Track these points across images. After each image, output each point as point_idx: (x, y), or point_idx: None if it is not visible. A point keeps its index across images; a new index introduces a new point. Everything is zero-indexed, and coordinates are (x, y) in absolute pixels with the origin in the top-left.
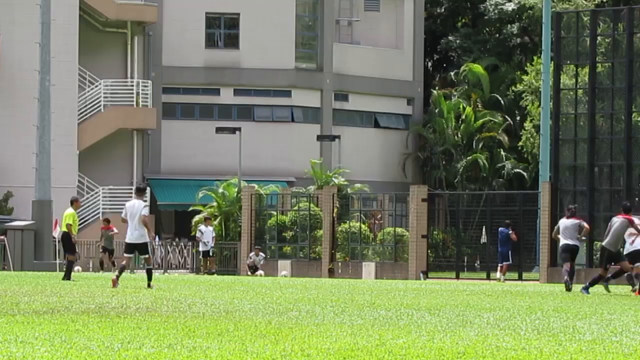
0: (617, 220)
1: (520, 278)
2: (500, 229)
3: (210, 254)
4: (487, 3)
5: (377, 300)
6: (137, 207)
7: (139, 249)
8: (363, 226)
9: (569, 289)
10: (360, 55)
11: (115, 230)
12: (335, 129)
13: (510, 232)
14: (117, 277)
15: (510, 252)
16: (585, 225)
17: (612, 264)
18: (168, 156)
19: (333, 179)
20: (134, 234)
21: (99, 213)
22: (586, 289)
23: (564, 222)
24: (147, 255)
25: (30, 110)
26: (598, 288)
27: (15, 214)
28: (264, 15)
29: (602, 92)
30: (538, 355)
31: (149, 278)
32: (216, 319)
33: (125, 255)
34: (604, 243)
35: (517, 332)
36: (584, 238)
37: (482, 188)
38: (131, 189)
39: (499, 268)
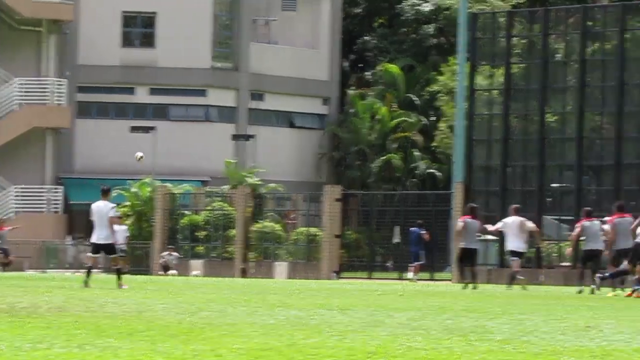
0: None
1: (432, 278)
2: (411, 229)
3: (120, 253)
4: (404, 4)
5: (289, 300)
6: (103, 208)
7: (105, 249)
8: (276, 226)
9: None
10: (277, 55)
11: (10, 228)
12: (250, 128)
13: (422, 232)
14: (87, 279)
15: (422, 252)
16: (531, 225)
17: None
18: (82, 155)
19: (247, 178)
20: (102, 234)
21: (10, 212)
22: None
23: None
24: (114, 255)
25: None
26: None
27: None
28: (180, 14)
29: (517, 93)
30: (448, 355)
31: (119, 278)
32: (127, 319)
33: (91, 255)
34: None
35: (428, 331)
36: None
37: (396, 188)
38: (43, 188)
39: (411, 268)
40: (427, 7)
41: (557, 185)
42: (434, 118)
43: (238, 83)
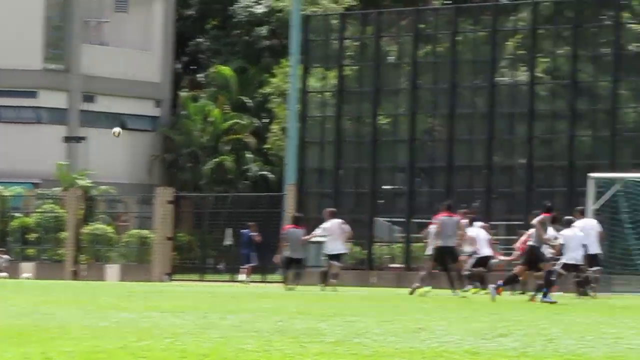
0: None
1: (264, 280)
2: (243, 231)
3: None
4: (237, 6)
5: (120, 302)
6: None
7: None
8: (108, 228)
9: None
10: (109, 57)
11: None
12: (82, 130)
13: (253, 234)
14: None
15: (253, 254)
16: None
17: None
18: None
19: (78, 180)
20: None
21: None
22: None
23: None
24: None
25: None
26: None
27: None
28: (10, 15)
29: (349, 95)
30: (281, 357)
31: None
32: None
33: None
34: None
35: (260, 334)
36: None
37: (229, 190)
38: None
39: (243, 270)
40: (259, 9)
41: (389, 187)
42: (266, 120)
43: (69, 84)
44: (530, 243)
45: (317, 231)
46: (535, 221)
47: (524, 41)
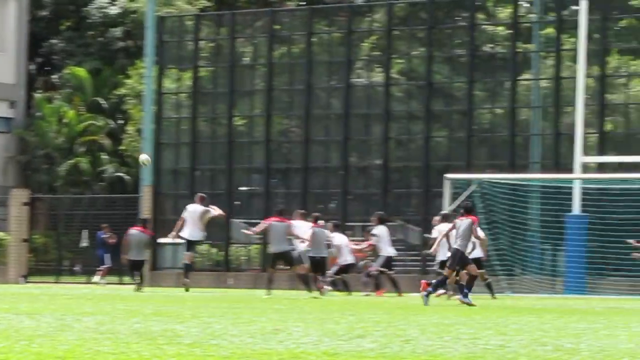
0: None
1: (120, 282)
2: (98, 232)
3: None
4: (90, 7)
5: None
6: None
7: None
8: None
9: None
10: None
11: None
12: None
13: (106, 235)
14: None
15: (107, 255)
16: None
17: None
18: None
19: None
20: None
21: None
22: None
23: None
24: None
25: None
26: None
27: None
28: None
29: (205, 96)
30: (137, 358)
31: None
32: None
33: None
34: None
35: (116, 335)
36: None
37: (84, 192)
38: None
39: (98, 272)
40: (114, 10)
41: (246, 188)
42: (122, 121)
43: None
44: (456, 246)
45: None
46: (464, 225)
47: (379, 42)
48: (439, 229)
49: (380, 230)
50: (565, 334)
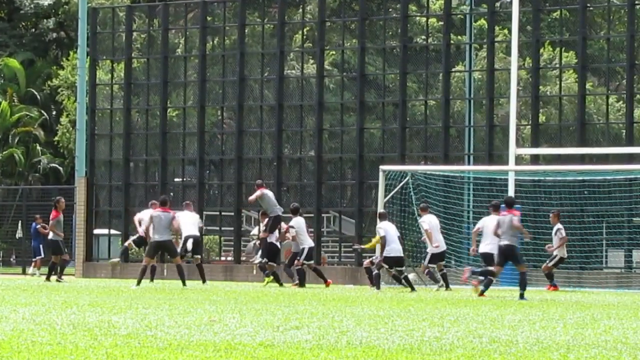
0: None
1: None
2: (33, 224)
3: None
4: None
5: None
6: None
7: None
8: None
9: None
10: None
11: None
12: None
13: (39, 226)
14: None
15: (41, 246)
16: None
17: None
18: None
19: None
20: None
21: None
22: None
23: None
24: None
25: None
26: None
27: None
28: None
29: (138, 88)
30: (74, 349)
31: None
32: None
33: None
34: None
35: (52, 326)
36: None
37: (18, 183)
38: None
39: (33, 263)
40: (46, 1)
41: (180, 179)
42: (55, 113)
43: None
44: (506, 242)
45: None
46: (507, 220)
47: (312, 34)
48: (430, 221)
49: (298, 222)
50: (501, 325)
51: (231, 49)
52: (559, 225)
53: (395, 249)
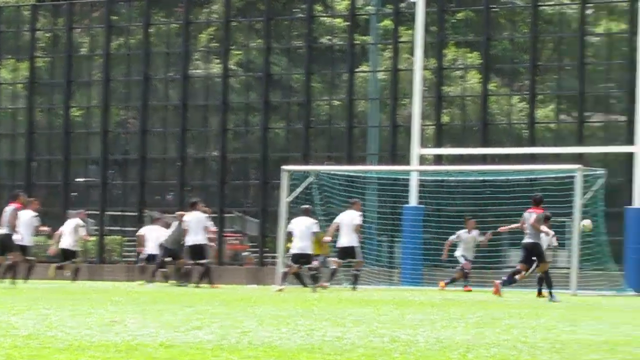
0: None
1: None
2: None
3: None
4: None
5: None
6: None
7: None
8: None
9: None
10: None
11: None
12: None
13: None
14: None
15: None
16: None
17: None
18: None
19: None
20: None
21: None
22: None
23: None
24: None
25: None
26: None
27: None
28: None
29: (42, 87)
30: None
31: None
32: None
33: None
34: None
35: None
36: None
37: None
38: None
39: None
40: None
41: (83, 179)
42: None
43: None
44: (529, 240)
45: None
46: (533, 218)
47: (217, 34)
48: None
49: (190, 217)
50: (402, 325)
51: (136, 48)
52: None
53: (298, 246)
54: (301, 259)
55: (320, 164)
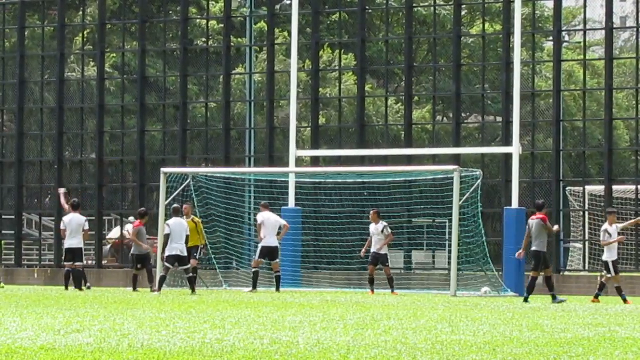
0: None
1: None
2: None
3: None
4: None
5: None
6: None
7: None
8: None
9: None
10: None
11: None
12: None
13: None
14: None
15: None
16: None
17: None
18: None
19: None
20: None
21: None
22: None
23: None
24: None
25: None
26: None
27: None
28: None
29: None
30: None
31: None
32: None
33: None
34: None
35: None
36: None
37: None
38: None
39: None
40: None
41: None
42: None
43: None
44: (537, 248)
45: None
46: (536, 224)
47: (92, 36)
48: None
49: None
50: (282, 327)
51: (11, 51)
52: (384, 223)
53: (175, 247)
54: (178, 260)
55: (197, 166)
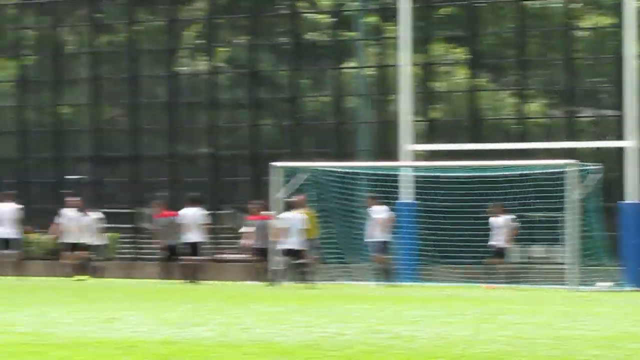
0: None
1: None
2: None
3: None
4: None
5: None
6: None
7: None
8: None
9: None
10: None
11: None
12: None
13: None
14: None
15: None
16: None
17: None
18: None
19: None
20: None
21: None
22: None
23: None
24: None
25: None
26: None
27: None
28: None
29: (31, 85)
30: None
31: None
32: None
33: None
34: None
35: None
36: None
37: None
38: None
39: None
40: None
41: (74, 177)
42: None
43: None
44: None
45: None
46: None
47: (203, 31)
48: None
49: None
50: (401, 321)
51: (122, 45)
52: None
53: (291, 241)
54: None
55: (309, 160)
